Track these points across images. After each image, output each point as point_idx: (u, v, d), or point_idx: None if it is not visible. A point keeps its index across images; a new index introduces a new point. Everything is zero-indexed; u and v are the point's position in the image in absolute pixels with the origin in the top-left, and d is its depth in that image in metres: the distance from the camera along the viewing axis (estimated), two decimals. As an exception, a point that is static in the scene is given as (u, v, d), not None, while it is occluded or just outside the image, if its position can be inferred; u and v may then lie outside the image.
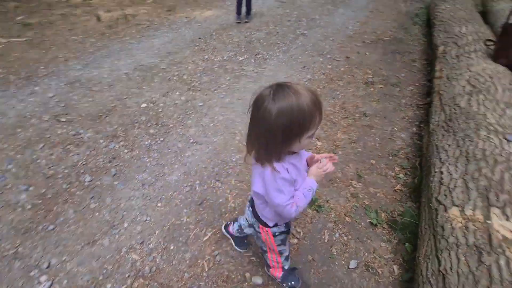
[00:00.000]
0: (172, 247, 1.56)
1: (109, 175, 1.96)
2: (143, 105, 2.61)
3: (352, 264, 1.54)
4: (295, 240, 1.64)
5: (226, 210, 1.79)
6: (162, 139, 2.28)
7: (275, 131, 0.77)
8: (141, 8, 5.10)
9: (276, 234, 1.14)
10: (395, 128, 2.58)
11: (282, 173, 0.86)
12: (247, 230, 1.35)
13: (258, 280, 1.45)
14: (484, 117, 1.76)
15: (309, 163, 1.07)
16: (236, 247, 1.58)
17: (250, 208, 1.17)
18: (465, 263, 1.10)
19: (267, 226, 1.11)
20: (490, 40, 2.75)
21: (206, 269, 1.47)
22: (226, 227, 1.59)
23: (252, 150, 0.91)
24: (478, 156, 1.52)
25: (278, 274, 1.39)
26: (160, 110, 2.58)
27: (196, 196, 1.87)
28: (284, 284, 1.42)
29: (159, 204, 1.79)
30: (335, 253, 1.59)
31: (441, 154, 1.70)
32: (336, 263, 1.54)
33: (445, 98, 2.17)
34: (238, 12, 4.51)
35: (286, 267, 1.36)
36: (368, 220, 1.77)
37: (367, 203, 1.88)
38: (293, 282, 1.40)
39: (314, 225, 1.74)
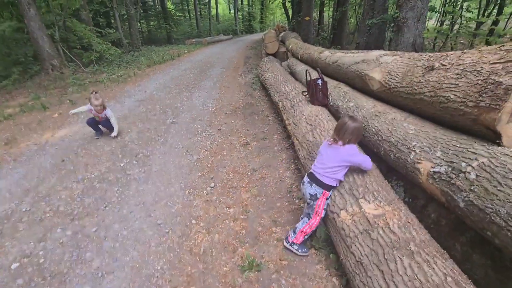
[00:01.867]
0: None
1: None
2: (15, 265, 2.04)
3: (306, 298, 1.71)
4: (254, 310, 1.67)
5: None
6: (58, 293, 1.84)
7: (359, 132, 1.93)
8: (-36, 152, 4.11)
9: (328, 197, 1.95)
10: (280, 171, 3.17)
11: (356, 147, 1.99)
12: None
13: None
14: (325, 142, 2.53)
15: None
16: (300, 253, 2.04)
17: (313, 183, 1.95)
18: (365, 245, 1.52)
19: (329, 189, 1.92)
20: (304, 91, 4.01)
21: None
22: (287, 238, 2.11)
23: (340, 140, 1.89)
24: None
25: (301, 239, 2.02)
26: (42, 260, 2.09)
27: (132, 333, 1.59)
28: (300, 251, 2.04)
29: None
30: (289, 298, 1.73)
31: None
32: (295, 307, 1.67)
33: (299, 137, 2.94)
34: (96, 130, 4.27)
35: (307, 237, 2.03)
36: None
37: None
38: (305, 249, 2.06)
39: (262, 283, 1.84)
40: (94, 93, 3.93)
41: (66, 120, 5.10)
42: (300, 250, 2.04)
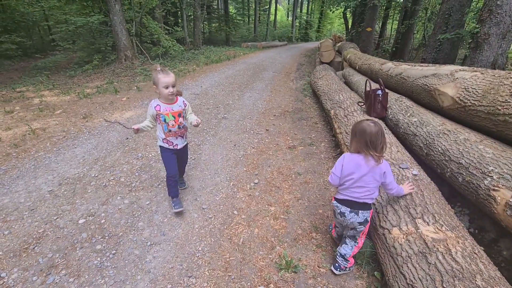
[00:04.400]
0: None
1: (53, 318, 1.59)
2: (81, 221, 2.34)
3: (343, 311, 1.64)
4: (287, 310, 1.65)
5: (209, 306, 1.68)
6: (113, 252, 2.05)
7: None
8: (51, 120, 4.85)
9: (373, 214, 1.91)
10: (325, 179, 3.09)
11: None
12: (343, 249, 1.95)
13: None
14: (381, 155, 2.40)
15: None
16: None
17: (359, 211, 1.74)
18: (420, 268, 1.40)
19: (371, 207, 1.80)
20: (360, 101, 3.86)
21: None
22: (338, 267, 1.90)
23: (377, 157, 1.67)
24: (390, 184, 2.03)
25: (352, 262, 1.89)
26: (103, 221, 2.36)
27: (172, 303, 1.69)
28: (352, 268, 1.90)
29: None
30: (325, 307, 1.67)
31: (367, 190, 2.17)
32: (331, 317, 1.61)
33: (351, 147, 2.84)
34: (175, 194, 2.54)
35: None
36: (339, 264, 1.96)
37: (331, 249, 2.11)
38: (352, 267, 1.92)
39: (297, 285, 1.81)
40: (160, 67, 2.22)
41: (132, 104, 5.68)
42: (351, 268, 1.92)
